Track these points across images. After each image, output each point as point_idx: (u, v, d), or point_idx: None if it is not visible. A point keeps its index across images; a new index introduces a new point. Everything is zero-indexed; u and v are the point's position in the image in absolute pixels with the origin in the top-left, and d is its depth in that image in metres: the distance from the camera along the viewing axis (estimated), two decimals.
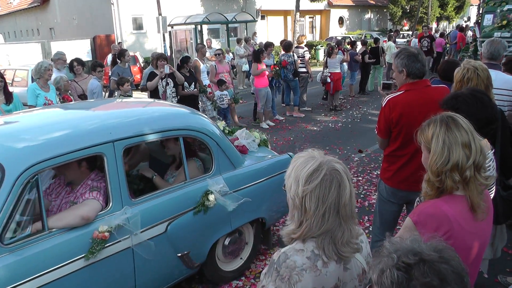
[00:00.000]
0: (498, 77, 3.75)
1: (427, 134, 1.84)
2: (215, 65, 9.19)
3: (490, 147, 2.37)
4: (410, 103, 3.00)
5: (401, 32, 30.50)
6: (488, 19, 12.70)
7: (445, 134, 1.77)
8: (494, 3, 12.65)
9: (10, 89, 5.93)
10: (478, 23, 13.88)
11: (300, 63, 10.49)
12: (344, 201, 1.46)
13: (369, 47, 13.85)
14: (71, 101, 6.17)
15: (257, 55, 9.52)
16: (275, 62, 10.21)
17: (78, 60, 7.17)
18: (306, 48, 10.83)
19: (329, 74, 10.87)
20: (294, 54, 10.54)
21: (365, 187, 5.97)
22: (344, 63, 12.22)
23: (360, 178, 6.32)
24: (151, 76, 7.49)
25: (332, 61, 11.00)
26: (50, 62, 6.20)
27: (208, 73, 9.69)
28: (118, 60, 8.49)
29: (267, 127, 9.69)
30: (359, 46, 14.27)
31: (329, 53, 11.16)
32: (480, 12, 14.84)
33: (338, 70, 11.07)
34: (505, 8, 12.08)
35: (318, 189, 1.44)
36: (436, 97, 2.96)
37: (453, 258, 1.13)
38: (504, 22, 11.65)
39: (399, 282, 1.06)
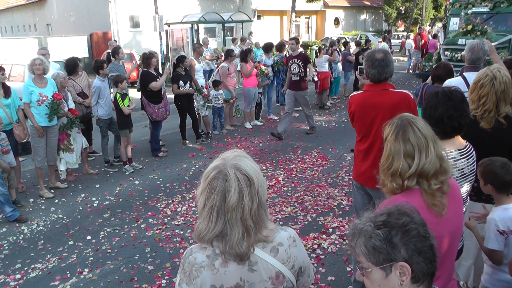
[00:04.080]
0: None
1: (385, 134, 1.95)
2: (227, 66, 9.23)
3: (464, 144, 2.41)
4: (363, 103, 3.24)
5: (395, 33, 30.71)
6: (454, 22, 11.75)
7: (392, 142, 1.88)
8: (460, 4, 11.66)
9: (7, 83, 5.94)
10: (444, 27, 12.81)
11: None
12: (229, 207, 1.44)
13: (362, 47, 13.97)
14: (60, 98, 6.03)
15: (244, 56, 9.57)
16: (275, 62, 10.24)
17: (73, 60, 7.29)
18: (301, 49, 10.96)
19: (316, 73, 11.07)
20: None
21: None
22: (339, 64, 12.38)
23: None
24: (149, 76, 7.49)
25: (319, 60, 11.27)
26: (38, 56, 6.09)
27: (204, 72, 9.80)
28: (112, 58, 8.58)
29: (250, 127, 9.73)
30: (352, 47, 14.39)
31: (316, 53, 11.44)
32: (447, 14, 13.14)
33: (325, 70, 11.30)
34: (470, 11, 11.01)
35: (206, 190, 1.49)
36: (390, 102, 3.13)
37: (402, 204, 1.39)
38: (469, 27, 10.48)
39: (385, 237, 1.27)
